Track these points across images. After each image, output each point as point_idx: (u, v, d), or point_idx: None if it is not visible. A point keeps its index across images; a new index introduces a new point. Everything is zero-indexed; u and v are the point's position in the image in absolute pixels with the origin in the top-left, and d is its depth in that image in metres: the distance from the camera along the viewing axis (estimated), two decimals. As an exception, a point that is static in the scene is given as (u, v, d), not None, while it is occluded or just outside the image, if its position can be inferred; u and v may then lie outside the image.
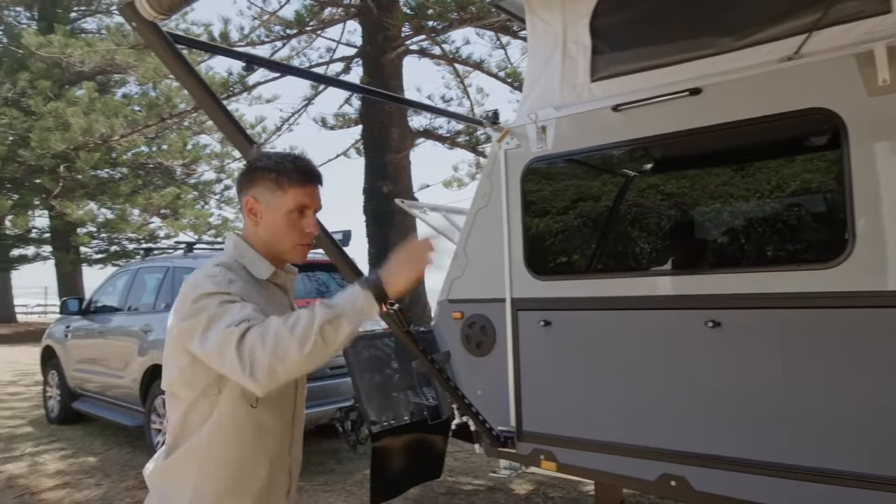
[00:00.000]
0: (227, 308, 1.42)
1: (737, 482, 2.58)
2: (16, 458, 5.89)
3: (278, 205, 1.58)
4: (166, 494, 1.55)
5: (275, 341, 1.31)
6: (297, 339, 1.31)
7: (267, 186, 1.58)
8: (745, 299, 2.57)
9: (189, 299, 1.45)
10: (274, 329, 1.33)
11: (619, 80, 2.98)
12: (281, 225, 1.58)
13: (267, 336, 1.32)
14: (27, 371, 12.10)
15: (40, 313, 31.28)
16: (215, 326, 1.39)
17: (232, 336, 1.34)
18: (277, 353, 1.31)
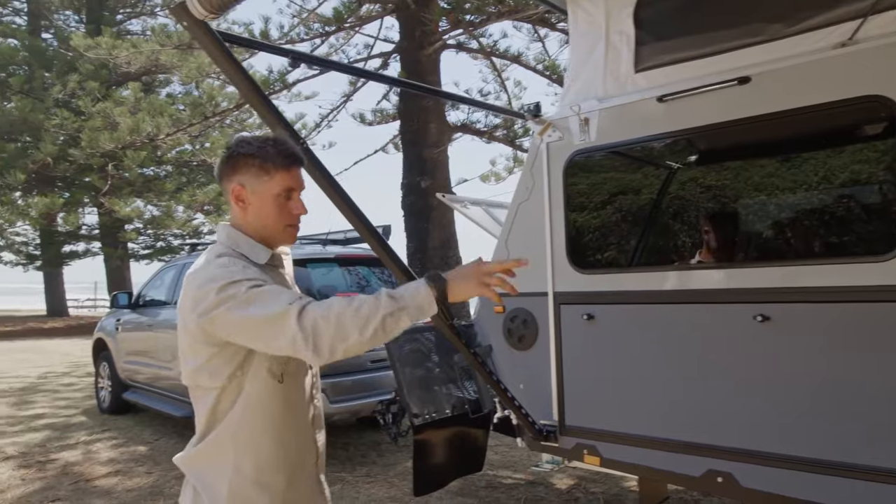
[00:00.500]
0: (262, 292, 1.43)
1: (787, 480, 2.53)
2: (71, 446, 6.11)
3: (265, 190, 1.59)
4: (205, 477, 1.59)
5: (338, 320, 1.35)
6: (361, 323, 1.35)
7: (252, 173, 1.59)
8: (796, 293, 2.51)
9: (211, 292, 1.45)
10: (337, 309, 1.37)
11: (663, 70, 2.93)
12: (270, 209, 1.60)
13: (330, 314, 1.36)
14: (80, 363, 12.54)
15: (90, 307, 32.35)
16: (261, 300, 1.41)
17: (291, 311, 1.37)
18: (340, 332, 1.35)
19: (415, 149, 10.97)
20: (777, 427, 2.56)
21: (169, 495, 4.59)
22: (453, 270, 1.48)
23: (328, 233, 6.33)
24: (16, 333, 20.08)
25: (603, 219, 3.14)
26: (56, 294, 26.79)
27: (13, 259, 26.56)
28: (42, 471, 5.29)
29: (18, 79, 19.59)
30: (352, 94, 13.01)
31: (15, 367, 11.97)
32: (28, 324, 22.96)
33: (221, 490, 1.56)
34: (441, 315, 2.35)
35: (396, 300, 1.39)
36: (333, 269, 5.77)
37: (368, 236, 2.25)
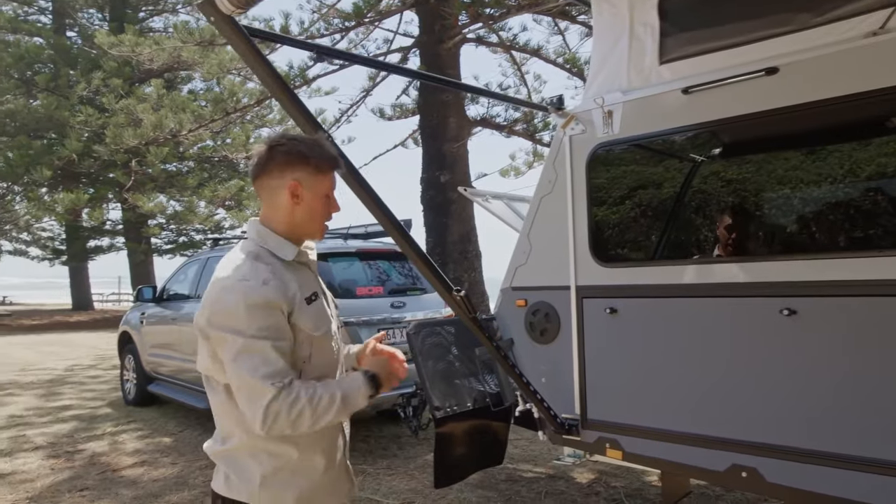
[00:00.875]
0: (260, 346, 1.51)
1: (812, 475, 2.50)
2: (97, 437, 6.23)
3: (318, 189, 1.67)
4: (238, 466, 1.62)
5: (296, 417, 1.50)
6: (314, 421, 1.53)
7: (309, 171, 1.65)
8: (824, 287, 2.48)
9: (222, 309, 1.53)
10: (301, 406, 1.50)
11: (689, 61, 2.90)
12: (319, 207, 1.68)
13: (294, 409, 1.50)
14: (105, 356, 12.76)
15: (114, 301, 32.91)
16: (248, 359, 1.50)
17: (265, 394, 1.48)
18: (294, 424, 1.51)
19: (434, 143, 10.98)
20: (803, 422, 2.54)
21: (193, 485, 4.67)
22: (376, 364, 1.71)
23: (349, 227, 6.37)
24: (43, 327, 20.48)
25: (626, 212, 3.12)
26: (81, 288, 27.26)
27: (40, 254, 27.11)
28: (70, 461, 5.40)
29: (44, 77, 19.93)
30: (371, 89, 13.05)
31: (42, 360, 12.22)
32: (55, 317, 23.42)
33: (255, 475, 1.59)
34: (463, 307, 2.36)
35: (346, 404, 1.57)
36: (354, 262, 5.80)
37: (392, 229, 2.26)
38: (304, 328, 1.60)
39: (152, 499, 4.41)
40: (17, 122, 19.81)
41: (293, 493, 1.61)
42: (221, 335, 1.52)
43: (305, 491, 1.63)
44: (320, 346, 1.66)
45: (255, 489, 1.59)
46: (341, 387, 1.58)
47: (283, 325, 1.55)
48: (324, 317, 1.68)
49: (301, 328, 1.59)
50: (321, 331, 1.64)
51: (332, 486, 1.72)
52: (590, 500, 4.19)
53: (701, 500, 4.09)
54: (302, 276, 1.69)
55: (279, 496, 1.60)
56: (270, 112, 19.46)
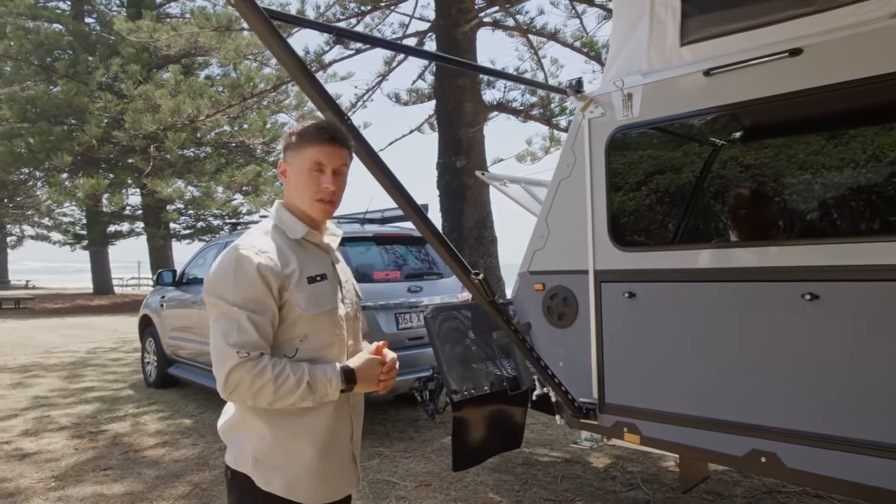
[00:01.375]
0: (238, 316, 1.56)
1: (833, 461, 2.48)
2: (120, 418, 6.34)
3: (298, 163, 1.71)
4: (238, 444, 1.68)
5: (259, 389, 1.54)
6: (275, 398, 1.56)
7: (292, 149, 1.72)
8: (847, 271, 2.44)
9: (216, 274, 1.61)
10: (264, 380, 1.54)
11: (711, 42, 2.86)
12: (301, 182, 1.71)
13: (256, 382, 1.54)
14: (126, 339, 12.96)
15: (134, 286, 33.35)
16: (223, 325, 1.57)
17: (230, 359, 1.54)
18: (255, 396, 1.56)
19: (450, 128, 10.94)
20: (824, 407, 2.52)
21: (214, 466, 4.74)
22: (360, 362, 1.70)
23: (366, 212, 6.38)
24: (65, 310, 20.83)
25: (645, 196, 3.09)
26: (102, 273, 27.67)
27: (61, 239, 27.55)
28: (93, 441, 5.50)
29: (63, 63, 20.09)
30: (387, 73, 13.03)
31: (65, 343, 12.44)
32: (76, 301, 23.80)
33: (248, 455, 1.65)
34: (481, 291, 2.36)
35: (312, 390, 1.59)
36: (371, 247, 5.82)
37: (411, 213, 2.26)
38: (296, 306, 1.62)
39: (174, 479, 4.49)
40: (38, 109, 20.02)
41: (282, 479, 1.64)
42: (211, 299, 1.61)
43: (295, 478, 1.65)
44: (318, 327, 1.67)
45: (250, 467, 1.64)
46: (313, 373, 1.59)
47: (266, 300, 1.59)
48: (323, 298, 1.69)
49: (293, 305, 1.62)
50: (312, 311, 1.65)
51: (328, 476, 1.71)
52: (606, 484, 4.20)
53: (719, 485, 4.09)
54: (311, 256, 1.73)
55: (268, 479, 1.63)
56: (287, 97, 19.49)
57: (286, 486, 1.64)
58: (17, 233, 32.01)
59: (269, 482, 1.63)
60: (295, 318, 1.63)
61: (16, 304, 21.69)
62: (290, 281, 1.62)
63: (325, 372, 1.61)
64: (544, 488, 4.16)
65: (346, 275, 1.88)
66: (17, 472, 4.68)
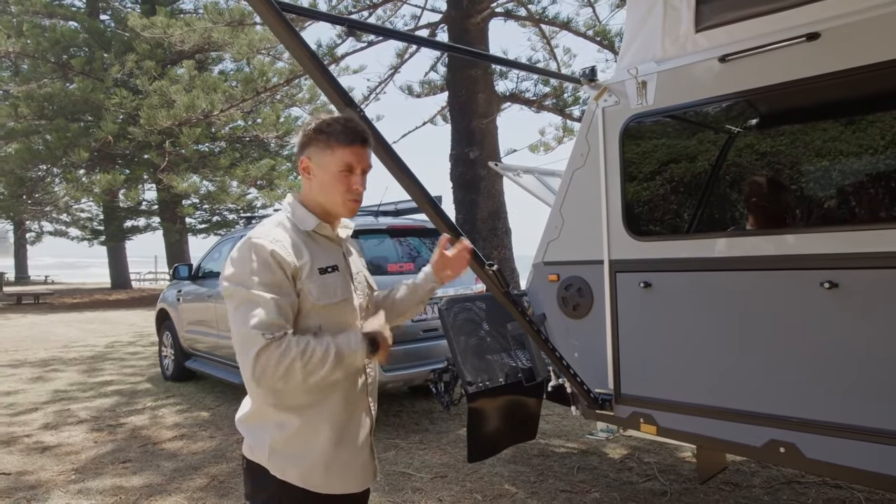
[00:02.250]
0: (260, 299, 1.55)
1: (853, 450, 2.45)
2: (138, 411, 6.42)
3: (327, 163, 1.70)
4: (254, 433, 1.69)
5: (287, 369, 1.52)
6: (305, 374, 1.54)
7: (319, 147, 1.70)
8: (866, 258, 2.41)
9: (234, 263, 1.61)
10: (291, 357, 1.52)
11: (726, 28, 2.81)
12: (330, 182, 1.71)
13: (283, 361, 1.52)
14: (143, 332, 13.11)
15: (151, 280, 33.70)
16: (244, 311, 1.56)
17: (255, 343, 1.52)
18: (285, 377, 1.53)
19: (463, 120, 10.91)
20: (843, 397, 2.48)
21: (231, 458, 4.79)
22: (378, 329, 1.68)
23: (380, 204, 6.38)
24: (83, 305, 21.10)
25: (661, 185, 3.06)
26: (119, 267, 27.97)
27: (79, 234, 27.84)
28: (112, 434, 5.58)
29: (79, 60, 20.25)
30: (399, 66, 13.00)
31: (84, 337, 12.60)
32: (94, 296, 24.10)
33: (265, 445, 1.65)
34: (496, 282, 2.35)
35: (340, 360, 1.58)
36: (385, 240, 5.83)
37: (424, 204, 2.25)
38: (308, 296, 1.63)
39: (192, 471, 4.54)
40: (55, 106, 20.21)
41: (297, 468, 1.64)
42: (230, 288, 1.60)
43: (311, 467, 1.65)
44: (331, 318, 1.68)
45: (266, 458, 1.65)
46: (336, 342, 1.58)
47: (286, 284, 1.60)
48: (335, 289, 1.70)
49: (306, 296, 1.63)
50: (324, 301, 1.66)
51: (343, 467, 1.72)
52: (623, 475, 4.19)
53: (736, 475, 4.06)
54: (322, 248, 1.74)
55: (285, 469, 1.64)
56: (300, 91, 19.53)
57: (301, 474, 1.65)
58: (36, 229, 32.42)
59: (284, 471, 1.64)
60: (308, 308, 1.64)
61: (35, 299, 22.00)
62: (302, 272, 1.63)
63: (349, 341, 1.61)
64: (560, 479, 4.15)
65: (358, 266, 1.89)
66: (38, 464, 4.75)
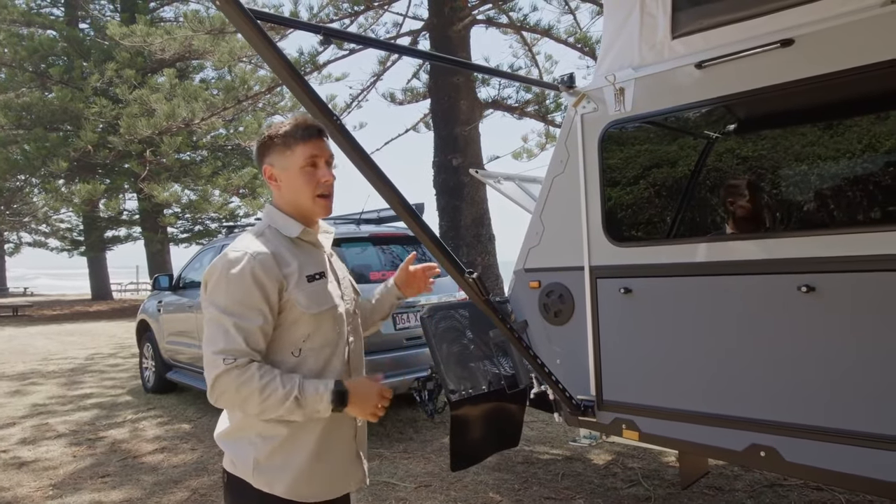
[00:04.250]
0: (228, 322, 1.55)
1: (832, 453, 2.47)
2: (118, 424, 6.32)
3: (290, 164, 1.69)
4: (235, 448, 1.66)
5: (245, 398, 1.53)
6: (261, 409, 1.54)
7: (278, 151, 1.70)
8: (843, 262, 2.43)
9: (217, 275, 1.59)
10: (249, 390, 1.52)
11: (702, 35, 2.84)
12: (298, 181, 1.69)
13: (241, 391, 1.52)
14: (124, 344, 12.94)
15: (133, 291, 33.30)
16: (213, 332, 1.57)
17: (216, 367, 1.53)
18: (242, 405, 1.55)
19: (446, 127, 10.92)
20: (822, 400, 2.50)
21: (213, 471, 4.72)
22: (358, 385, 1.63)
23: (362, 212, 6.36)
24: (63, 317, 20.79)
25: (640, 191, 3.07)
26: (100, 278, 27.61)
27: (58, 245, 27.47)
28: (91, 448, 5.48)
29: (58, 69, 20.04)
30: (381, 73, 12.99)
31: (64, 349, 12.41)
32: (75, 307, 23.77)
33: (249, 459, 1.62)
34: (476, 290, 2.34)
35: (300, 405, 1.54)
36: (367, 248, 5.80)
37: (403, 212, 2.24)
38: (296, 305, 1.61)
39: (173, 484, 4.47)
40: (33, 115, 19.97)
41: (285, 480, 1.62)
42: (204, 302, 1.60)
43: (299, 477, 1.63)
44: (319, 326, 1.67)
45: (251, 472, 1.62)
46: (304, 388, 1.55)
47: (258, 305, 1.57)
48: (324, 296, 1.68)
49: (294, 305, 1.61)
50: (314, 309, 1.64)
51: (333, 473, 1.71)
52: (607, 481, 4.19)
53: (719, 479, 4.07)
54: (307, 255, 1.72)
55: (270, 481, 1.61)
56: (282, 99, 19.46)
57: (287, 487, 1.62)
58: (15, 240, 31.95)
59: (271, 484, 1.61)
60: (296, 317, 1.62)
61: (14, 311, 21.65)
62: (289, 281, 1.61)
63: (317, 389, 1.57)
64: (545, 486, 4.14)
65: (343, 271, 1.88)
66: (15, 480, 4.65)
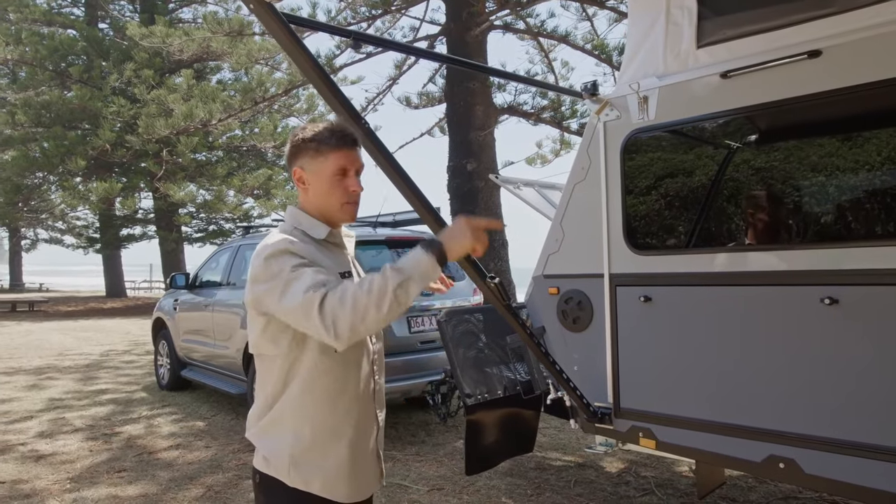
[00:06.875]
0: (300, 272, 1.52)
1: (853, 467, 2.45)
2: (134, 420, 6.37)
3: (321, 170, 1.71)
4: (271, 443, 1.67)
5: (353, 303, 1.43)
6: (375, 300, 1.42)
7: (310, 155, 1.71)
8: (868, 275, 2.42)
9: (260, 264, 1.58)
10: (352, 292, 1.44)
11: (727, 45, 2.84)
12: (327, 188, 1.71)
13: (346, 299, 1.44)
14: (139, 341, 13.04)
15: (146, 289, 33.57)
16: (292, 289, 1.51)
17: (313, 301, 1.46)
18: (357, 313, 1.43)
19: (461, 131, 10.94)
20: (844, 413, 2.49)
21: (227, 468, 4.75)
22: (446, 231, 1.54)
23: (378, 215, 6.39)
24: (78, 313, 20.99)
25: (662, 199, 3.07)
26: (114, 275, 27.85)
27: (74, 242, 27.78)
28: (108, 443, 5.54)
29: (77, 68, 20.29)
30: (398, 77, 13.06)
31: (79, 345, 12.53)
32: (89, 304, 23.98)
33: (284, 456, 1.64)
34: (497, 295, 2.35)
35: (401, 271, 1.45)
36: (383, 251, 5.82)
37: (426, 215, 2.25)
38: None
39: (188, 481, 4.51)
40: (53, 114, 20.21)
41: (321, 477, 1.63)
42: (266, 287, 1.56)
43: (335, 475, 1.65)
44: None
45: (286, 469, 1.63)
46: (394, 265, 1.47)
47: (304, 263, 1.57)
48: None
49: None
50: None
51: (360, 473, 1.73)
52: (620, 489, 4.18)
53: (733, 490, 4.05)
54: (335, 256, 1.75)
55: (307, 478, 1.63)
56: (297, 101, 19.59)
57: (323, 484, 1.64)
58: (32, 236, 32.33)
59: (308, 482, 1.63)
60: None
61: (30, 306, 21.88)
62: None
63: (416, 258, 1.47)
64: (557, 493, 4.13)
65: (363, 274, 1.90)
66: (34, 473, 4.71)
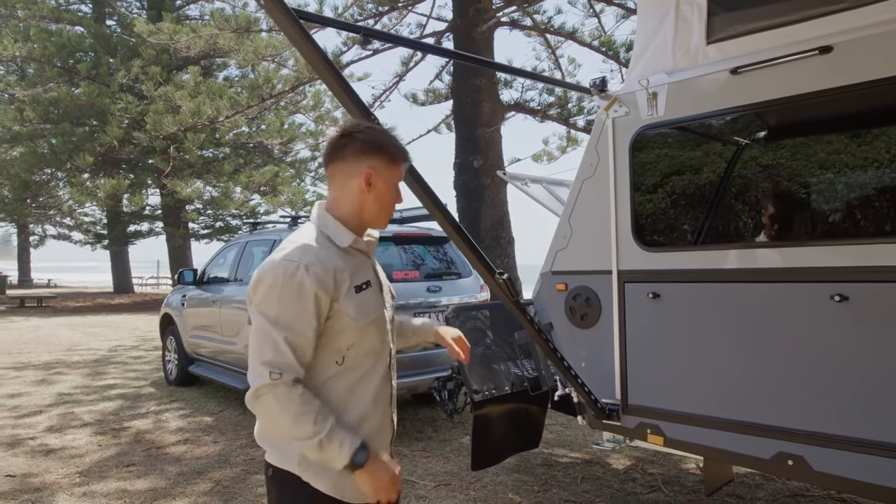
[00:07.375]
0: (274, 336, 1.54)
1: (862, 464, 2.45)
2: (142, 415, 6.41)
3: (390, 178, 1.70)
4: (281, 446, 1.65)
5: (277, 414, 1.53)
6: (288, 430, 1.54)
7: (384, 160, 1.68)
8: (878, 272, 2.41)
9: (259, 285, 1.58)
10: (287, 413, 1.53)
11: (737, 41, 2.83)
12: (388, 196, 1.71)
13: (280, 407, 1.53)
14: (147, 337, 13.11)
15: (153, 285, 33.71)
16: (259, 344, 1.56)
17: (261, 377, 1.53)
18: (273, 418, 1.56)
19: (467, 128, 10.94)
20: (853, 410, 2.48)
21: (235, 463, 4.78)
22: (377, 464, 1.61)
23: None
24: (86, 308, 21.10)
25: (670, 196, 3.07)
26: (122, 272, 27.99)
27: (82, 238, 27.90)
28: (116, 438, 5.57)
29: (85, 65, 20.36)
30: (404, 74, 13.05)
31: (87, 341, 12.60)
32: (97, 300, 24.11)
33: (294, 454, 1.63)
34: (506, 291, 2.36)
35: (321, 448, 1.54)
36: (391, 247, 5.84)
37: (437, 212, 2.27)
38: (344, 315, 1.60)
39: (196, 475, 4.53)
40: (60, 110, 20.30)
41: (328, 477, 1.62)
42: (252, 308, 1.59)
43: (343, 477, 1.63)
44: (365, 335, 1.66)
45: (296, 465, 1.63)
46: (331, 437, 1.54)
47: (308, 318, 1.55)
48: (371, 306, 1.68)
49: (342, 315, 1.60)
50: (363, 320, 1.63)
51: None
52: (626, 486, 4.18)
53: (741, 488, 4.05)
54: (356, 264, 1.70)
55: (315, 478, 1.62)
56: (304, 98, 19.61)
57: (332, 484, 1.63)
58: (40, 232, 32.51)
59: (316, 481, 1.62)
60: (343, 326, 1.61)
61: (38, 302, 22.01)
62: (340, 292, 1.60)
63: (342, 443, 1.55)
64: (564, 489, 4.14)
65: (383, 277, 1.87)
66: (43, 467, 4.75)
